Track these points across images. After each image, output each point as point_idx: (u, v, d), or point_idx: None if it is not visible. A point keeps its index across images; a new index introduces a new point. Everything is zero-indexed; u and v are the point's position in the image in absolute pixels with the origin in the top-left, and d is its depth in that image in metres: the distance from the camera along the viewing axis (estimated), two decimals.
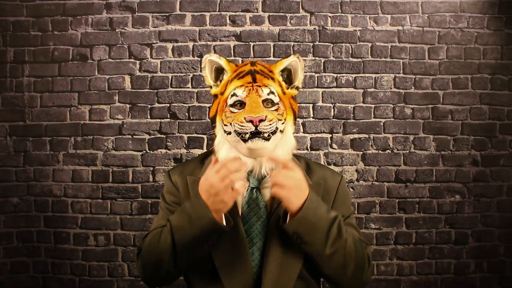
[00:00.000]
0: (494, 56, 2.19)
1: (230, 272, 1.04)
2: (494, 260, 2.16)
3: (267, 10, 2.17)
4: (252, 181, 1.10)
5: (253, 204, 1.08)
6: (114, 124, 2.16)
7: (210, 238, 0.97)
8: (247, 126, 1.00)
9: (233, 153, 1.07)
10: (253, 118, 1.00)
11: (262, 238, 1.06)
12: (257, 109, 1.01)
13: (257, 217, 1.07)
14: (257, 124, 1.00)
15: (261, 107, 1.03)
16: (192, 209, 0.97)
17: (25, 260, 2.15)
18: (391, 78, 2.18)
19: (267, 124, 1.01)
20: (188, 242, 0.97)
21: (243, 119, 1.01)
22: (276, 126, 1.04)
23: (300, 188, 0.98)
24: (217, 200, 0.94)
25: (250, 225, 1.07)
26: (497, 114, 2.18)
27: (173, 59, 2.16)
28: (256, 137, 1.01)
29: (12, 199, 2.15)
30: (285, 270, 1.03)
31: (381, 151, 2.17)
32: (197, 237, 0.96)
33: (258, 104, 1.03)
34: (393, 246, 2.16)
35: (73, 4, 2.16)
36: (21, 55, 2.16)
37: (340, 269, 1.01)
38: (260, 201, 1.08)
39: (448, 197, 2.17)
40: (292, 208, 0.97)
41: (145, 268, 1.05)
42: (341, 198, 1.16)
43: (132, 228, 2.14)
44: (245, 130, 1.01)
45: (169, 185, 1.15)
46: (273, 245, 1.04)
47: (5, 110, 2.16)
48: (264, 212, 1.08)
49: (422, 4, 2.18)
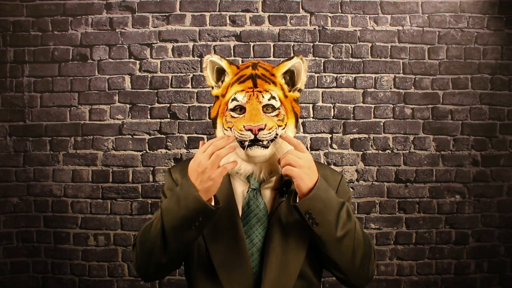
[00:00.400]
0: (494, 56, 2.19)
1: (229, 272, 1.04)
2: (494, 260, 2.16)
3: (267, 10, 2.17)
4: (252, 182, 1.10)
5: (254, 205, 1.08)
6: (114, 124, 2.16)
7: (197, 219, 0.96)
8: (246, 134, 1.01)
9: (233, 156, 1.07)
10: (252, 127, 1.00)
11: (262, 239, 1.07)
12: (256, 117, 1.01)
13: (257, 218, 1.08)
14: (256, 133, 1.00)
15: (260, 115, 1.02)
16: (180, 190, 0.98)
17: (25, 260, 2.15)
18: (391, 78, 2.18)
19: (266, 133, 1.02)
20: (175, 223, 0.97)
21: (243, 128, 1.01)
22: (275, 133, 1.04)
23: (311, 169, 0.99)
24: (205, 178, 0.95)
25: (250, 226, 1.07)
26: (497, 114, 2.18)
27: (173, 59, 2.16)
28: (255, 145, 1.02)
29: (12, 199, 2.15)
30: (285, 270, 1.04)
31: (381, 151, 2.17)
32: (184, 217, 0.96)
33: (258, 111, 1.02)
34: (393, 246, 2.16)
35: (73, 4, 2.16)
36: (21, 55, 2.16)
37: (349, 255, 1.01)
38: (260, 203, 1.09)
39: (448, 197, 2.17)
40: (303, 187, 0.97)
41: (138, 258, 1.05)
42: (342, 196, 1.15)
43: (132, 228, 2.14)
44: (245, 138, 1.01)
45: (170, 181, 1.16)
46: (273, 246, 1.05)
47: (5, 110, 2.16)
48: (265, 213, 1.08)
49: (422, 4, 2.18)
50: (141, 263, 1.06)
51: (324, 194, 0.99)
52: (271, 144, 1.04)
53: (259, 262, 1.05)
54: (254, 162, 1.07)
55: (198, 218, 0.96)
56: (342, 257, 1.01)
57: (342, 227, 0.99)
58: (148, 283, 2.13)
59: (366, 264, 1.05)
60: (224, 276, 1.04)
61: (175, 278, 2.10)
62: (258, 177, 1.09)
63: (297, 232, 1.07)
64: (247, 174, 1.09)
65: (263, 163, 1.08)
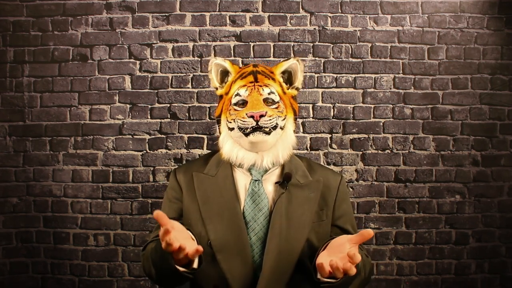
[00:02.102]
0: (494, 56, 2.19)
1: (229, 261, 1.08)
2: (495, 261, 2.16)
3: (267, 10, 2.17)
4: (254, 174, 1.16)
5: (255, 195, 1.13)
6: (114, 124, 2.17)
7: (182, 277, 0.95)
8: (248, 121, 1.08)
9: (236, 148, 1.15)
10: (254, 113, 1.08)
11: (263, 229, 1.11)
12: (257, 106, 1.09)
13: (259, 208, 1.12)
14: (257, 119, 1.08)
15: (261, 104, 1.10)
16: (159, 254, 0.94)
17: (25, 261, 2.15)
18: (391, 78, 2.18)
19: (267, 119, 1.09)
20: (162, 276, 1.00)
21: (245, 115, 1.09)
22: (276, 121, 1.11)
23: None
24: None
25: (252, 215, 1.12)
26: (497, 114, 2.18)
27: (173, 59, 2.16)
28: (257, 131, 1.09)
29: (11, 199, 2.15)
30: (285, 258, 1.08)
31: (380, 151, 2.17)
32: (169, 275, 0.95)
33: (259, 101, 1.10)
34: (393, 246, 2.15)
35: (73, 4, 2.16)
36: (21, 55, 2.16)
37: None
38: (262, 193, 1.14)
39: (448, 197, 2.17)
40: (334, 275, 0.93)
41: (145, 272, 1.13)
42: (343, 196, 1.23)
43: (132, 228, 2.14)
44: (247, 125, 1.09)
45: (173, 182, 1.23)
46: (274, 235, 1.09)
47: (5, 110, 2.16)
48: (266, 203, 1.13)
49: (422, 4, 2.18)
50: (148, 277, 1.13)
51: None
52: (273, 132, 1.11)
53: (260, 251, 1.10)
54: (257, 151, 1.13)
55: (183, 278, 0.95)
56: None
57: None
58: (148, 283, 2.13)
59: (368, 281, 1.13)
60: (225, 265, 1.08)
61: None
62: (261, 166, 1.14)
63: (297, 222, 1.12)
64: (250, 164, 1.14)
65: (265, 152, 1.14)
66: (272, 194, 1.15)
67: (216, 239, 1.09)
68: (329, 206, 1.19)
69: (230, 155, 1.15)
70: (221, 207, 1.12)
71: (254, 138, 1.09)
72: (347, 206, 1.23)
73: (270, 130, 1.10)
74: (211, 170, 1.19)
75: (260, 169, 1.15)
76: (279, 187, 1.15)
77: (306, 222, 1.12)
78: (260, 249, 1.10)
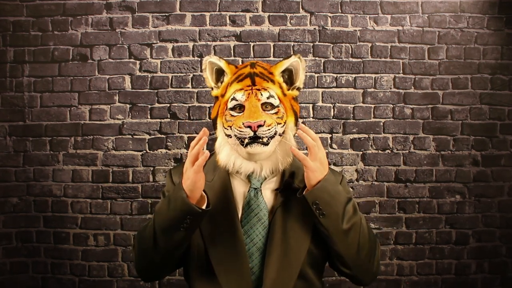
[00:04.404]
0: (494, 56, 2.18)
1: (227, 273, 1.04)
2: (495, 261, 2.16)
3: (267, 10, 2.17)
4: (253, 182, 1.10)
5: (254, 205, 1.08)
6: (114, 124, 2.16)
7: (185, 221, 0.98)
8: (245, 132, 1.01)
9: (233, 155, 1.08)
10: (251, 123, 1.00)
11: (263, 239, 1.07)
12: (255, 114, 1.01)
13: (258, 217, 1.07)
14: (255, 129, 1.00)
15: (259, 111, 1.03)
16: (171, 192, 1.02)
17: (25, 260, 2.15)
18: (391, 78, 2.18)
19: (265, 129, 1.01)
20: (165, 224, 1.00)
21: (242, 125, 1.01)
22: (275, 130, 1.04)
23: (323, 164, 1.02)
24: (185, 178, 0.98)
25: (251, 225, 1.07)
26: (497, 114, 2.18)
27: (173, 59, 2.16)
28: (255, 142, 1.02)
29: (11, 199, 2.15)
30: (286, 270, 1.04)
31: (380, 151, 2.17)
32: (173, 218, 0.98)
33: (257, 108, 1.03)
34: (393, 246, 2.15)
35: (73, 4, 2.16)
36: (21, 55, 2.16)
37: (355, 248, 1.03)
38: (261, 202, 1.08)
39: (448, 197, 2.16)
40: (313, 179, 1.00)
41: (136, 257, 1.10)
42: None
43: (132, 228, 2.14)
44: (244, 135, 1.01)
45: (169, 183, 1.17)
46: (274, 246, 1.05)
47: (5, 110, 2.16)
48: (265, 212, 1.08)
49: (422, 4, 2.18)
50: (138, 263, 1.10)
51: (332, 186, 1.01)
52: (271, 141, 1.04)
53: (260, 262, 1.06)
54: (255, 160, 1.07)
55: (186, 220, 0.98)
56: (347, 251, 1.03)
57: (348, 220, 1.01)
58: (148, 283, 2.12)
59: (372, 260, 1.08)
60: (222, 276, 1.04)
61: (175, 278, 2.10)
62: (259, 175, 1.09)
63: (298, 232, 1.07)
64: (248, 173, 1.09)
65: (264, 161, 1.07)
66: (271, 202, 1.10)
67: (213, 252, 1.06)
68: None
69: (227, 162, 1.09)
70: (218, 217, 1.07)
71: (252, 150, 1.02)
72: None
73: (268, 140, 1.02)
74: (207, 175, 1.10)
75: (259, 178, 1.09)
76: (278, 194, 1.10)
77: (307, 231, 1.07)
78: (260, 260, 1.06)
